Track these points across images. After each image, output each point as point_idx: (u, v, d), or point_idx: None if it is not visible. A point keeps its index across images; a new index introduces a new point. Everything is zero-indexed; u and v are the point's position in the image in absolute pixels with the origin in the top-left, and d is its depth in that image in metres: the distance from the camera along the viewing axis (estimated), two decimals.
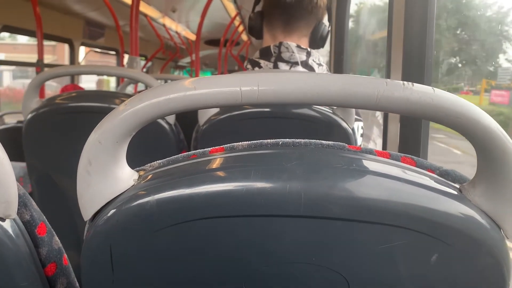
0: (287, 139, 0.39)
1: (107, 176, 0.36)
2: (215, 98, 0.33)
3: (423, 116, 0.33)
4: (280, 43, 1.06)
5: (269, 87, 0.33)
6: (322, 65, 1.10)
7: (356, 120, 1.01)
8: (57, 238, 0.45)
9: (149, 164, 0.41)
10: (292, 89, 0.33)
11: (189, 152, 0.40)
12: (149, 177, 0.38)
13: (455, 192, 0.35)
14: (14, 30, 3.52)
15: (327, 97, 0.33)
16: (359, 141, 1.06)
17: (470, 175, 0.38)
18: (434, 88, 0.33)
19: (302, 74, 0.34)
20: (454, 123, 0.33)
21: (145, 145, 0.92)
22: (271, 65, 1.06)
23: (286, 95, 0.33)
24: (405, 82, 0.33)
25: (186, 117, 1.15)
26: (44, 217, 0.44)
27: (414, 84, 0.33)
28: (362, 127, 1.09)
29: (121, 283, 0.37)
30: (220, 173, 0.35)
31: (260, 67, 1.07)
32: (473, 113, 0.32)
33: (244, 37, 7.96)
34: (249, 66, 1.10)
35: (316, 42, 1.11)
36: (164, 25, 6.05)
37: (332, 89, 0.32)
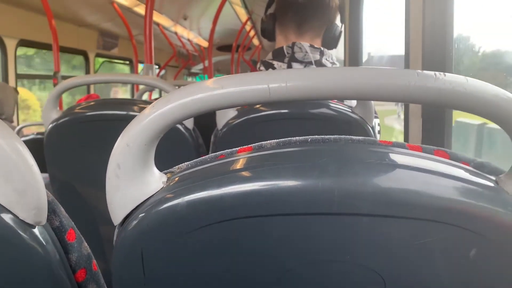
0: (316, 136, 0.39)
1: (136, 180, 0.36)
2: (243, 96, 0.33)
3: (457, 106, 0.32)
4: (293, 44, 1.05)
5: (298, 83, 0.32)
6: (336, 64, 1.09)
7: None
8: (86, 244, 0.45)
9: (177, 166, 0.41)
10: (322, 83, 0.32)
11: (217, 153, 0.40)
12: (178, 179, 0.37)
13: (492, 185, 0.34)
14: (31, 44, 3.59)
15: (358, 90, 0.32)
16: (377, 138, 1.04)
17: None
18: (467, 77, 0.32)
19: (330, 68, 0.33)
20: (489, 112, 0.32)
21: (164, 150, 0.92)
22: (284, 65, 1.05)
23: (315, 90, 0.32)
24: (436, 73, 0.32)
25: (203, 122, 1.15)
26: (73, 223, 0.44)
27: (446, 74, 0.32)
28: (378, 124, 1.07)
29: (153, 286, 0.36)
30: (250, 173, 0.35)
31: (273, 68, 1.06)
32: (509, 102, 0.31)
33: (256, 41, 7.98)
34: (262, 68, 1.09)
35: (329, 42, 1.10)
36: (176, 33, 6.12)
37: (363, 82, 0.32)
